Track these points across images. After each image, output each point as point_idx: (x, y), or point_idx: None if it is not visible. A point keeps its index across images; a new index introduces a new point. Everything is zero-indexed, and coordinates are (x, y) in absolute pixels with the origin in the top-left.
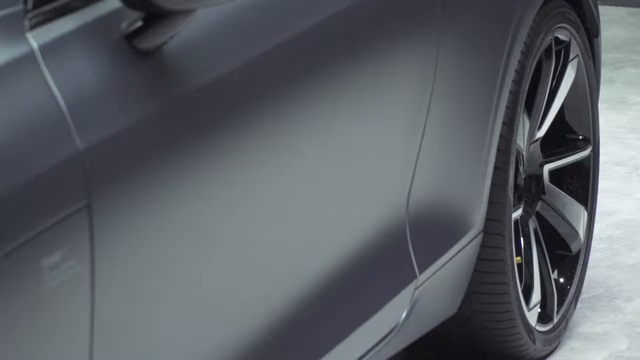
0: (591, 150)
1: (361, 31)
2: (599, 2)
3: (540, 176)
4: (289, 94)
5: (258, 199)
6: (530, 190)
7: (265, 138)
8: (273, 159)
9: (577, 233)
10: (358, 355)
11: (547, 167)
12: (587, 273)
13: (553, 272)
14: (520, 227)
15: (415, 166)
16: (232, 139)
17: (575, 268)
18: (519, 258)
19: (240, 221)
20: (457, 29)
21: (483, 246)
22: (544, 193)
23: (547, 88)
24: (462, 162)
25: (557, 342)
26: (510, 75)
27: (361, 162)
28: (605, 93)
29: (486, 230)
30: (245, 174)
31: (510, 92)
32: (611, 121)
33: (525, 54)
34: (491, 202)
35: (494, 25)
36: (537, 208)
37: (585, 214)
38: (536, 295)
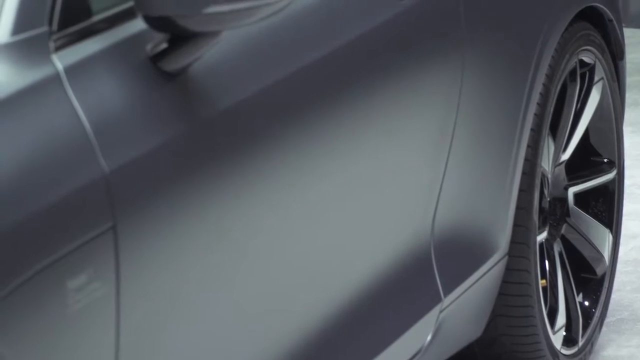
0: (616, 173)
1: (385, 53)
2: (623, 25)
3: (565, 199)
4: (313, 116)
5: (283, 221)
6: (555, 213)
7: (289, 160)
8: (298, 181)
9: (602, 256)
10: None
11: (572, 190)
12: (612, 296)
13: (578, 295)
14: (545, 250)
15: (441, 188)
16: (257, 160)
17: (600, 291)
18: (543, 281)
19: (265, 242)
20: (482, 52)
21: (508, 269)
22: (568, 216)
23: (571, 111)
24: (487, 185)
25: None
26: (535, 97)
27: (387, 184)
28: (630, 116)
29: (511, 253)
30: (269, 196)
31: (535, 114)
32: (636, 144)
33: (550, 76)
34: (516, 225)
35: (519, 47)
36: (562, 231)
37: (610, 237)
38: (561, 319)
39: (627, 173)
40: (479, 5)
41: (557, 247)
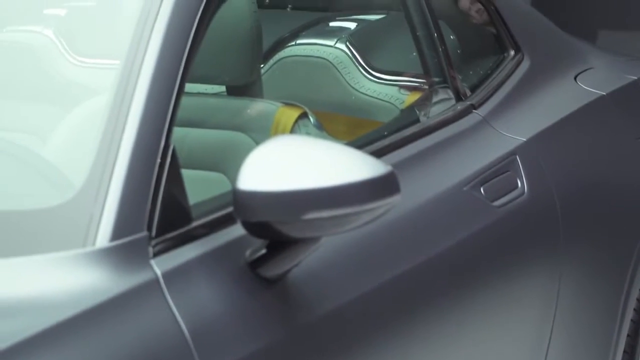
0: None
1: (482, 260)
2: None
3: None
4: (410, 322)
5: None
6: None
7: None
8: None
9: None
10: None
11: None
12: None
13: None
14: None
15: None
16: None
17: None
18: None
19: None
20: (580, 260)
21: None
22: None
23: None
24: None
25: None
26: (632, 303)
27: None
28: None
29: None
30: None
31: (632, 320)
32: None
33: None
34: None
35: (616, 255)
36: None
37: None
38: None
39: None
40: (577, 213)
41: None
